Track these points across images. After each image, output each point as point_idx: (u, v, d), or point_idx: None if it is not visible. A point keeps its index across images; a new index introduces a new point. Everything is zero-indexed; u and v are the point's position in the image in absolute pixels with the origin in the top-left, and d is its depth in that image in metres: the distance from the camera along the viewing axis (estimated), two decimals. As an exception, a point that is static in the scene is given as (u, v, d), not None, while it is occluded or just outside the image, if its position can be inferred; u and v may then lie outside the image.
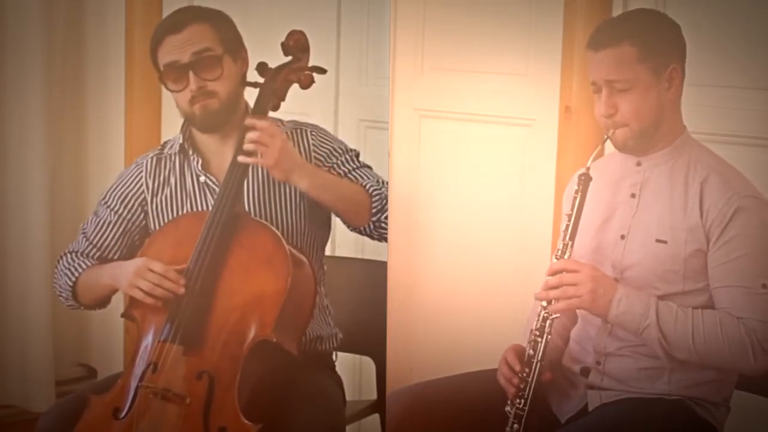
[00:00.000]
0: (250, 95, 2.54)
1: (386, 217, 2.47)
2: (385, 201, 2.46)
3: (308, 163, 2.47)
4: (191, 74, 2.42)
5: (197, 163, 2.53)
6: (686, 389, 2.31)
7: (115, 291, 2.51)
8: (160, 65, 2.46)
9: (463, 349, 3.20)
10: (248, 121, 2.40)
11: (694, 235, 2.26)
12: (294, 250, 2.39)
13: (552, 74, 3.08)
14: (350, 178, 2.52)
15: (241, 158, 2.39)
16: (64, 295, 2.59)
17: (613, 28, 2.30)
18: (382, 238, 2.49)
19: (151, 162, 2.59)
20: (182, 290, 2.34)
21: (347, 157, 2.54)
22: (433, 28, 3.30)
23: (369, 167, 2.57)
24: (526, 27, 3.14)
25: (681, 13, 2.78)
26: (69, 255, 2.60)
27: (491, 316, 3.17)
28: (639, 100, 2.27)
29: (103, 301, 2.57)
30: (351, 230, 2.51)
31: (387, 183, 2.52)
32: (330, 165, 2.53)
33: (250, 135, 2.37)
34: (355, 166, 2.54)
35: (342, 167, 2.53)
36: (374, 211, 2.46)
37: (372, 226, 2.47)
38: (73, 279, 2.56)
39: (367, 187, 2.48)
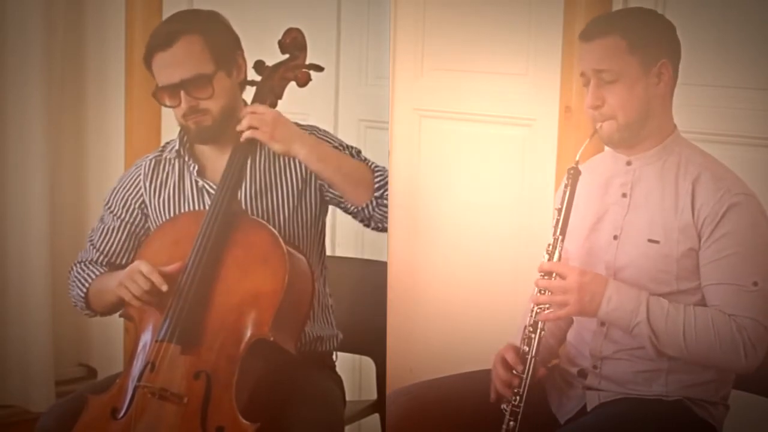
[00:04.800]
0: (248, 94, 2.53)
1: (387, 196, 2.43)
2: (386, 180, 2.44)
3: (308, 134, 2.45)
4: (182, 93, 2.41)
5: (194, 169, 2.53)
6: (684, 390, 2.31)
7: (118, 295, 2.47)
8: (155, 79, 2.45)
9: (463, 349, 3.20)
10: (247, 108, 2.42)
11: (687, 234, 2.25)
12: (291, 249, 2.39)
13: (552, 74, 3.08)
14: None
15: (242, 137, 2.40)
16: (79, 305, 2.59)
17: (605, 21, 2.32)
18: (381, 223, 2.45)
19: (150, 164, 2.59)
20: (165, 287, 2.33)
21: (348, 152, 2.53)
22: (433, 28, 3.30)
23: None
24: (526, 27, 3.15)
25: (681, 13, 2.79)
26: (79, 265, 2.60)
27: (491, 316, 3.17)
28: (626, 92, 2.27)
29: (116, 307, 2.53)
30: (352, 214, 2.47)
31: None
32: None
33: (242, 121, 2.39)
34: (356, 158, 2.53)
35: None
36: (377, 186, 2.43)
37: (375, 203, 2.43)
38: (85, 289, 2.56)
39: (369, 164, 2.47)
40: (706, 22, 2.79)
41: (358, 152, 2.54)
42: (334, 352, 2.65)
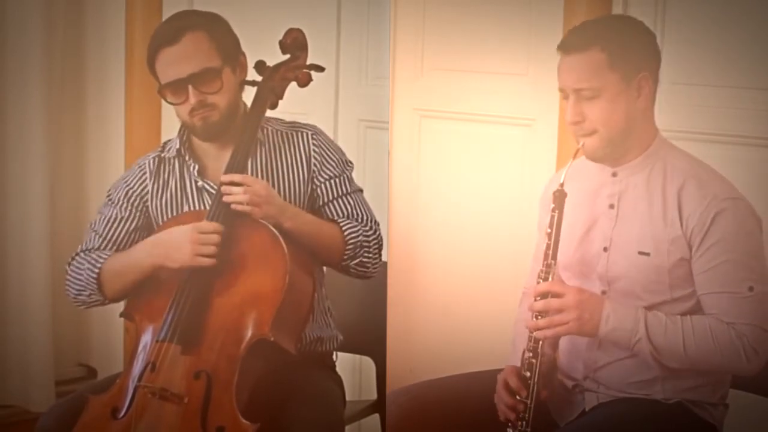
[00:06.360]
0: (248, 94, 2.53)
1: (358, 264, 2.48)
2: (359, 249, 2.47)
3: (290, 205, 2.47)
4: (191, 88, 2.40)
5: (194, 169, 2.53)
6: (681, 393, 2.30)
7: (156, 270, 2.41)
8: (158, 77, 2.44)
9: (463, 349, 3.20)
10: (225, 177, 2.39)
11: (677, 245, 2.23)
12: (292, 249, 2.39)
13: (552, 74, 3.03)
14: (337, 206, 2.52)
15: (238, 208, 2.38)
16: (86, 292, 2.49)
17: (585, 32, 2.26)
18: (360, 276, 2.51)
19: (153, 163, 2.57)
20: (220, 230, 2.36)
21: (342, 178, 2.54)
22: (433, 28, 3.31)
23: (360, 191, 2.57)
24: (526, 27, 3.14)
25: (681, 13, 2.79)
26: (82, 254, 2.53)
27: (491, 316, 3.16)
28: (606, 107, 2.22)
29: (132, 288, 2.46)
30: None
31: (378, 222, 2.54)
32: (322, 181, 2.52)
33: (236, 191, 2.37)
34: (345, 191, 2.53)
35: (333, 190, 2.53)
36: (345, 257, 2.47)
37: (341, 269, 2.50)
38: (97, 270, 2.47)
39: (345, 232, 2.47)
40: (707, 22, 2.79)
41: (351, 172, 2.55)
42: (334, 352, 2.65)
